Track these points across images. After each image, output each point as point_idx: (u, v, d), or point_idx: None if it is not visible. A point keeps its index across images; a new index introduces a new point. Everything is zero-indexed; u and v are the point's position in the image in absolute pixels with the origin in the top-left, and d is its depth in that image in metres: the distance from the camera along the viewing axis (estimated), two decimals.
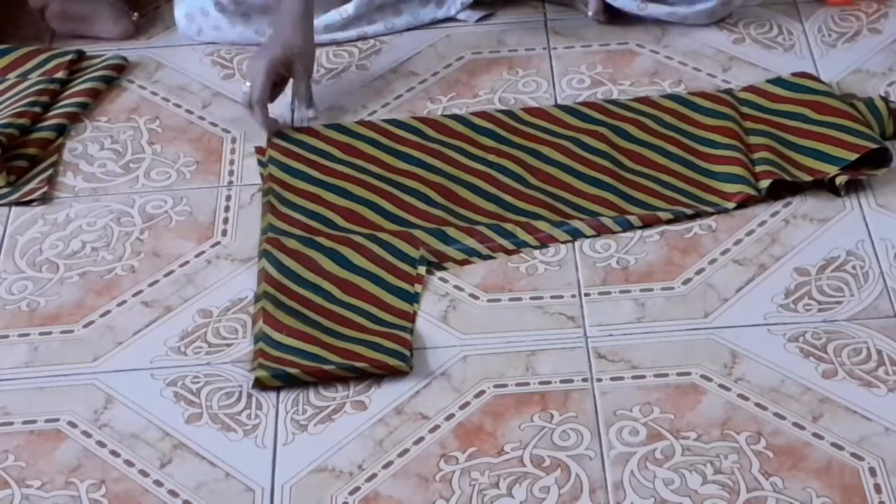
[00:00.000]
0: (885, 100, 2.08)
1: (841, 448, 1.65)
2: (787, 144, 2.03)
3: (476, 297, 1.88)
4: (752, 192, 1.97)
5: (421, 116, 2.15)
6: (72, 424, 1.74)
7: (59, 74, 2.26)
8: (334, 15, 2.33)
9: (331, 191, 2.02)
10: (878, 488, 1.60)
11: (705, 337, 1.80)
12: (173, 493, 1.66)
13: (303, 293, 1.87)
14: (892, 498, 1.59)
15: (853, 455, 1.64)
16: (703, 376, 1.75)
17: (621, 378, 1.75)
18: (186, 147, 2.15)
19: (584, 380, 1.75)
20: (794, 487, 1.61)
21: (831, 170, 1.97)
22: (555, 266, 1.91)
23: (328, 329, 1.82)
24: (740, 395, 1.72)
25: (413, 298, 1.86)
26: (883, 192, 1.98)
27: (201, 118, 2.20)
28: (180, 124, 2.20)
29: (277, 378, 1.76)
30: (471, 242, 1.93)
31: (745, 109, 2.11)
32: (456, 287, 1.89)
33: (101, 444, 1.72)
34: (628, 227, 1.94)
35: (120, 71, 2.31)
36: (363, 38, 2.35)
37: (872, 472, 1.62)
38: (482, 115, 2.14)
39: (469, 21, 2.38)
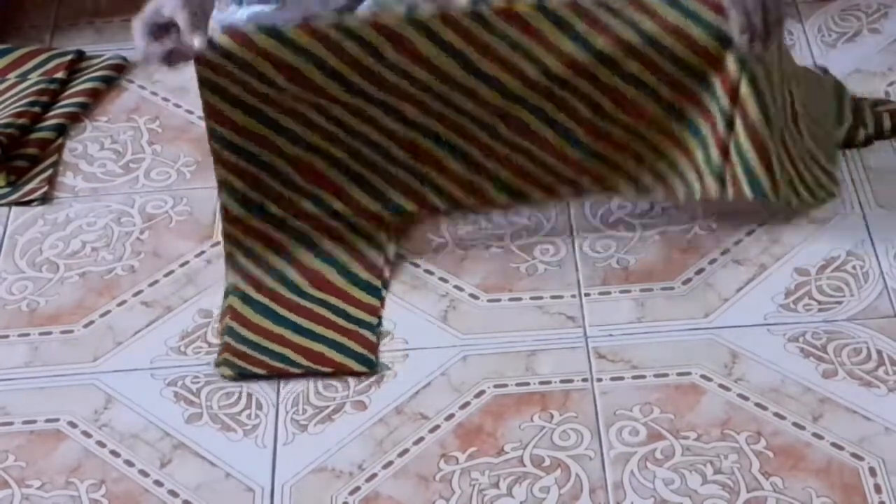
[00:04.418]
0: (856, 98, 2.08)
1: (841, 448, 1.65)
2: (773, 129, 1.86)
3: (476, 297, 1.88)
4: (719, 193, 1.87)
5: (377, 23, 1.80)
6: (72, 424, 1.75)
7: (59, 74, 2.26)
8: None
9: (281, 134, 1.85)
10: (878, 488, 1.60)
11: (705, 337, 1.80)
12: (173, 493, 1.66)
13: (272, 286, 1.85)
14: (892, 498, 1.59)
15: (853, 455, 1.64)
16: (703, 376, 1.75)
17: (621, 378, 1.75)
18: (186, 147, 2.15)
19: (584, 380, 1.75)
20: (794, 487, 1.61)
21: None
22: (555, 266, 1.91)
23: (296, 326, 1.81)
24: (740, 395, 1.72)
25: (378, 293, 1.85)
26: (883, 193, 1.98)
27: (201, 118, 2.20)
28: (180, 124, 2.20)
29: (243, 377, 1.76)
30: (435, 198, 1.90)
31: None
32: (456, 287, 1.89)
33: (101, 444, 1.72)
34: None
35: (120, 71, 2.32)
36: None
37: (872, 472, 1.62)
38: (447, 19, 1.80)
39: None
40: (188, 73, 2.30)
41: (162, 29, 1.82)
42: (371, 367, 1.77)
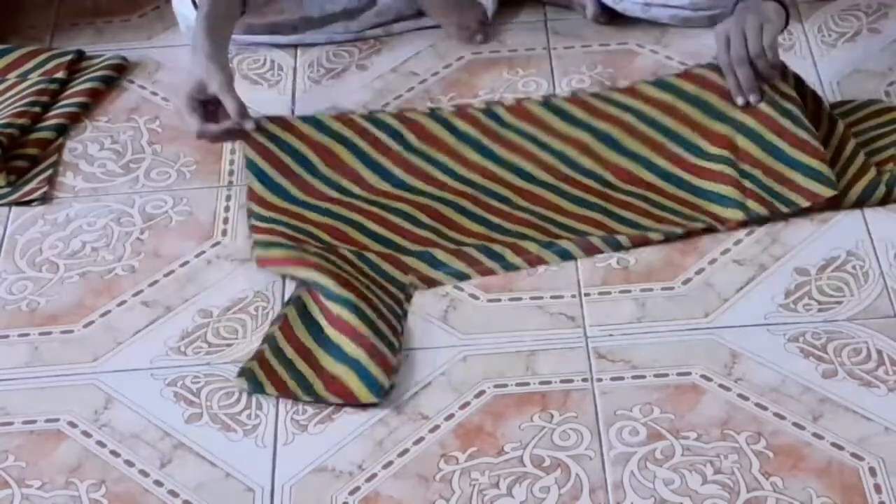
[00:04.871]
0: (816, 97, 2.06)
1: (841, 448, 1.65)
2: (780, 155, 1.97)
3: (476, 297, 1.88)
4: (744, 216, 1.93)
5: (402, 115, 2.10)
6: (72, 424, 1.75)
7: (59, 74, 2.26)
8: (339, 27, 2.33)
9: (314, 211, 1.99)
10: (878, 488, 1.60)
11: (705, 337, 1.80)
12: (173, 493, 1.66)
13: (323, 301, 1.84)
14: (892, 498, 1.59)
15: (853, 455, 1.64)
16: (703, 376, 1.75)
17: (621, 378, 1.75)
18: (186, 147, 2.15)
19: (584, 380, 1.75)
20: (794, 487, 1.61)
21: (826, 192, 1.93)
22: (555, 266, 1.91)
23: (331, 344, 1.79)
24: (740, 395, 1.72)
25: (402, 316, 1.84)
26: None
27: None
28: (180, 124, 2.20)
29: (254, 392, 1.75)
30: (460, 266, 1.89)
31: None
32: (456, 287, 1.89)
33: (101, 444, 1.72)
34: (618, 247, 1.91)
35: (120, 71, 2.32)
36: (362, 38, 2.35)
37: (872, 472, 1.62)
38: (464, 115, 2.09)
39: None
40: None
41: (202, 104, 2.00)
42: (380, 395, 1.73)
